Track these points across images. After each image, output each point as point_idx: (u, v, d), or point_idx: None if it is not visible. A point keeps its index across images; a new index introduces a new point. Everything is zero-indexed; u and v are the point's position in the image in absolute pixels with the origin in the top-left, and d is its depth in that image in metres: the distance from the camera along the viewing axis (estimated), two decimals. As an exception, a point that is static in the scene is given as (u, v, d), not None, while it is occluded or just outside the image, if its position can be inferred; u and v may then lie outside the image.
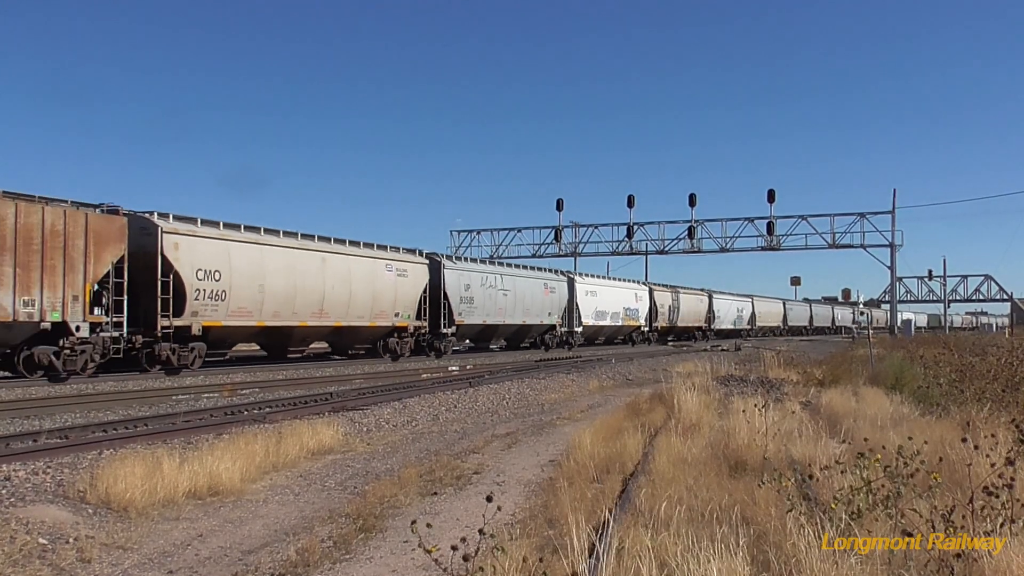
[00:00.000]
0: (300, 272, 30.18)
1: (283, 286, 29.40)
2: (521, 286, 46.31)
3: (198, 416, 15.59)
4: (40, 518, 7.89)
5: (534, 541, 6.64)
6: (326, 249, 32.25)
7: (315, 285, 30.94)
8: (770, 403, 12.13)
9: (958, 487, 6.24)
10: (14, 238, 20.26)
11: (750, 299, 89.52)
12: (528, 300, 46.98)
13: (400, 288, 35.96)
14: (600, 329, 57.24)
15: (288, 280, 29.64)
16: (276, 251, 29.49)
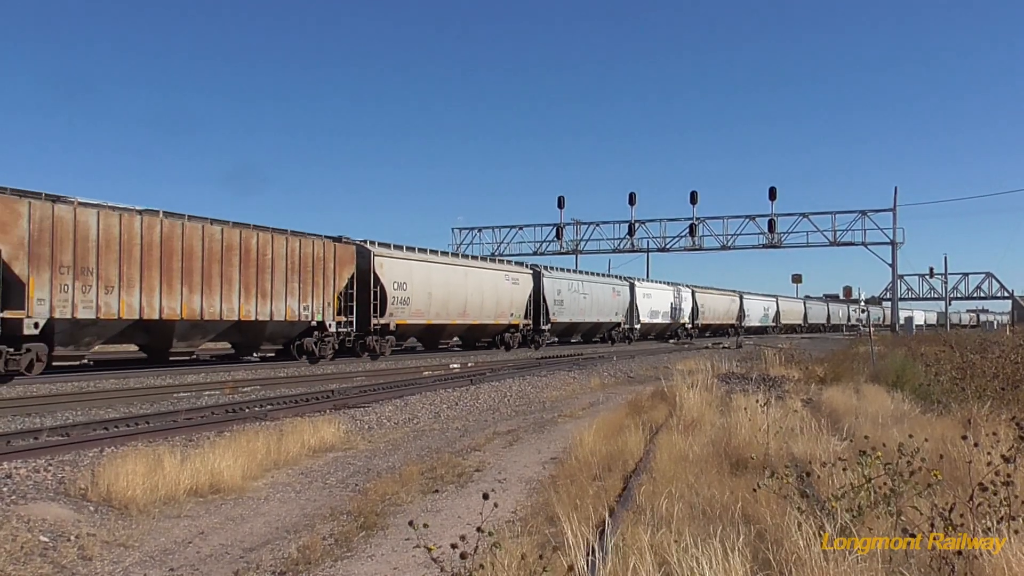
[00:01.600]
0: (452, 283, 39.72)
1: (442, 293, 38.63)
2: (595, 290, 55.16)
3: (199, 414, 15.60)
4: (41, 516, 7.90)
5: (535, 539, 6.65)
6: (467, 265, 42.24)
7: (461, 292, 40.32)
8: (771, 400, 12.14)
9: (959, 484, 6.24)
10: (298, 263, 29.60)
11: (775, 299, 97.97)
12: (600, 302, 55.62)
13: (514, 294, 45.31)
14: (654, 326, 65.18)
15: (445, 289, 38.96)
16: (437, 267, 38.90)
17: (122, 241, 23.20)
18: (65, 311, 21.59)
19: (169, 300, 24.56)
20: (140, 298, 23.69)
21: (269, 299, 28.23)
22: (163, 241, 24.46)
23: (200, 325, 26.22)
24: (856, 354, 29.17)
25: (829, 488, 6.79)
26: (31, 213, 20.81)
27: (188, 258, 25.20)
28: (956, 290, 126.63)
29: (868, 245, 63.25)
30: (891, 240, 61.95)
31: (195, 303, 25.39)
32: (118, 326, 23.73)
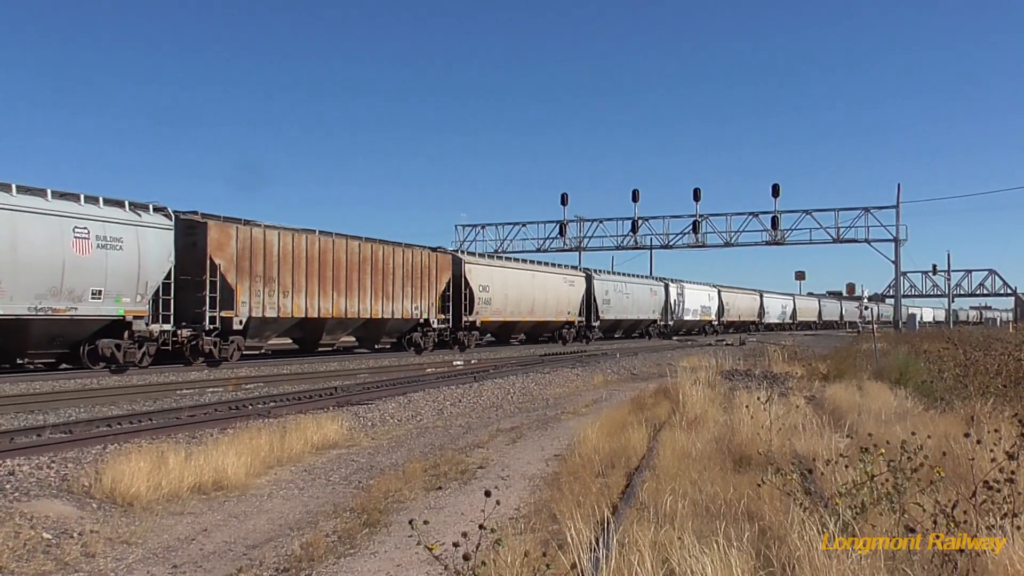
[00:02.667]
0: (523, 285, 45.91)
1: (515, 294, 44.87)
2: (636, 290, 60.97)
3: (203, 411, 15.62)
4: (44, 513, 7.91)
5: (538, 536, 6.65)
6: (534, 269, 48.65)
7: (529, 294, 46.36)
8: (774, 397, 12.13)
9: (962, 481, 6.23)
10: (411, 271, 36.21)
11: (792, 297, 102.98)
12: (640, 301, 61.60)
13: (571, 295, 51.12)
14: (685, 323, 70.47)
15: (518, 291, 45.14)
16: (512, 272, 45.38)
17: (294, 255, 29.41)
18: (257, 311, 27.66)
19: (323, 302, 30.87)
20: (305, 300, 29.91)
21: (391, 300, 34.99)
22: (319, 255, 30.74)
23: (343, 322, 33.19)
24: (859, 351, 29.14)
25: (832, 485, 6.78)
26: (237, 235, 26.87)
27: (336, 268, 31.60)
28: (959, 287, 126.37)
29: (871, 242, 63.01)
30: (894, 237, 61.73)
31: (341, 304, 31.86)
32: (289, 323, 30.24)
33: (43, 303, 21.12)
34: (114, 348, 23.27)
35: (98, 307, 22.57)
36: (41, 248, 21.09)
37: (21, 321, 21.01)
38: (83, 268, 22.02)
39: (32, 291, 20.89)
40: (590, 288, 53.45)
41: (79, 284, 21.96)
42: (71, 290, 21.77)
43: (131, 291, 23.38)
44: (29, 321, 21.19)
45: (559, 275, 50.52)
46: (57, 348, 23.19)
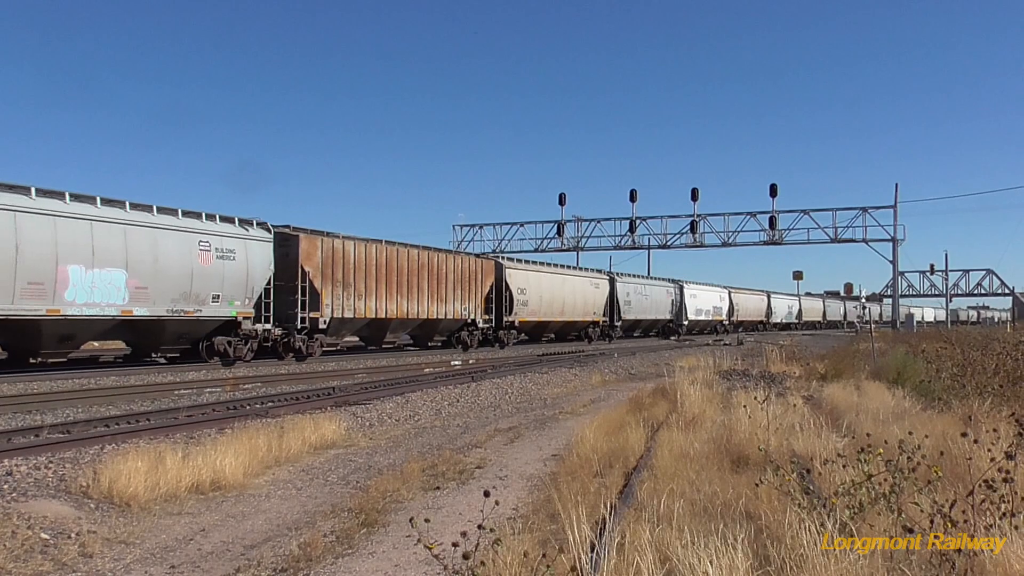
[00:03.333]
0: (555, 288, 49.57)
1: (548, 296, 48.68)
2: (654, 292, 64.57)
3: (201, 411, 15.61)
4: (42, 513, 7.90)
5: (536, 536, 6.65)
6: (564, 273, 51.99)
7: (560, 296, 50.07)
8: (772, 397, 12.12)
9: (960, 481, 6.23)
10: (460, 276, 40.33)
11: (797, 298, 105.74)
12: (658, 302, 65.44)
13: (596, 296, 55.01)
14: (698, 323, 73.59)
15: (550, 293, 48.88)
16: (545, 275, 49.22)
17: (366, 263, 33.64)
18: (338, 312, 31.83)
19: (389, 304, 35.10)
20: (374, 303, 34.16)
21: (444, 303, 38.91)
22: (386, 262, 34.94)
23: (405, 322, 37.52)
24: (857, 351, 29.15)
25: (830, 485, 6.79)
26: (322, 246, 31.15)
27: (399, 274, 35.76)
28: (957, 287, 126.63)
29: (869, 242, 63.07)
30: (892, 237, 61.78)
31: (403, 306, 36.06)
32: (362, 323, 34.66)
33: (177, 306, 25.13)
34: (226, 344, 27.39)
35: (216, 309, 26.57)
36: (175, 259, 25.03)
37: (161, 321, 25.08)
38: (206, 276, 25.94)
39: (169, 296, 24.86)
40: (613, 290, 57.25)
41: (203, 290, 25.94)
42: (197, 295, 25.74)
43: (241, 295, 27.43)
44: (166, 321, 25.23)
45: (586, 278, 54.48)
46: (182, 344, 27.12)
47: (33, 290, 21.03)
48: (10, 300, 20.55)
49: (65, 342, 23.71)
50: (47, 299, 21.40)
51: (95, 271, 22.54)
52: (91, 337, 25.47)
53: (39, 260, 21.14)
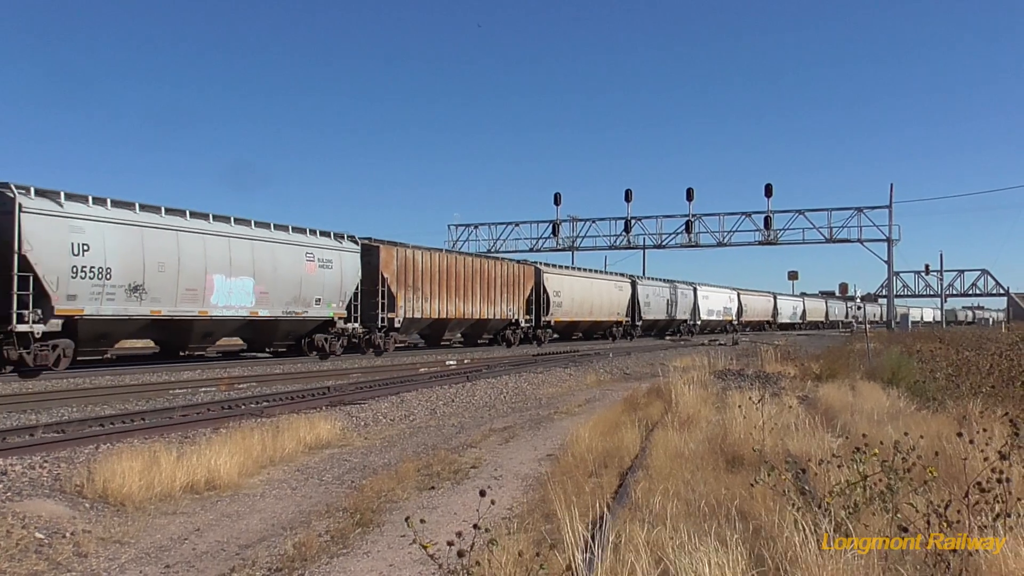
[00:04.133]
0: (585, 290, 54.00)
1: (579, 298, 53.01)
2: (669, 294, 68.71)
3: (195, 410, 15.59)
4: (37, 512, 7.89)
5: (532, 535, 6.65)
6: (592, 277, 56.54)
7: (588, 298, 54.38)
8: (767, 397, 12.14)
9: (954, 481, 6.25)
10: (506, 280, 44.82)
11: (802, 299, 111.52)
12: (676, 302, 69.67)
13: (620, 298, 59.42)
14: (710, 323, 77.70)
15: (581, 295, 53.31)
16: (577, 279, 53.70)
17: (431, 269, 38.16)
18: (410, 313, 36.67)
19: (448, 306, 39.53)
20: (437, 304, 38.59)
21: (493, 304, 43.48)
22: (446, 268, 39.42)
23: (461, 322, 41.89)
24: (852, 351, 29.17)
25: (825, 485, 6.79)
26: (397, 255, 35.97)
27: (457, 279, 40.18)
28: (952, 287, 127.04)
29: (864, 242, 63.10)
30: (887, 237, 61.83)
31: (460, 308, 40.51)
32: (427, 322, 39.25)
33: (289, 308, 29.84)
34: (324, 341, 32.15)
35: (319, 311, 31.24)
36: (288, 268, 29.74)
37: (277, 320, 29.82)
38: (311, 282, 30.69)
39: (284, 299, 29.56)
40: (634, 292, 61.65)
41: (309, 294, 30.61)
42: (304, 298, 30.44)
43: (336, 299, 32.13)
44: (281, 320, 29.94)
45: (611, 281, 59.20)
46: (288, 340, 32.01)
47: (189, 295, 25.64)
48: (173, 303, 25.14)
49: (206, 338, 28.65)
50: (198, 302, 26.08)
51: (232, 279, 27.30)
52: (224, 334, 29.94)
53: (193, 270, 25.83)
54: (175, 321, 25.64)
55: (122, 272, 23.36)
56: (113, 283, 23.10)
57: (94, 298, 22.64)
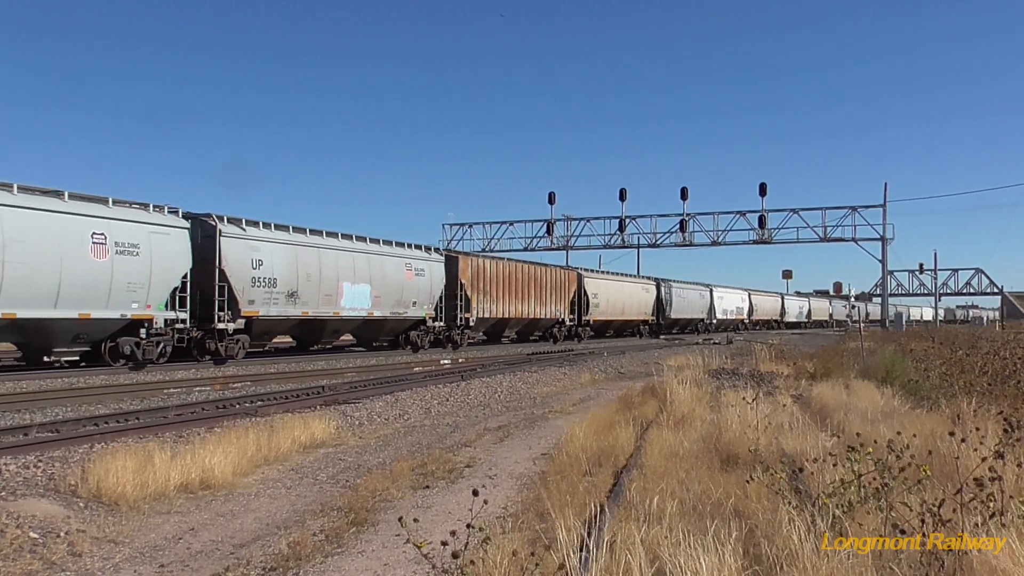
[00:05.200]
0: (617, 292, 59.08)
1: (613, 299, 57.97)
2: (689, 294, 73.07)
3: (189, 410, 15.56)
4: (31, 512, 7.88)
5: (526, 535, 6.66)
6: (623, 280, 61.68)
7: (620, 298, 59.57)
8: (761, 396, 12.15)
9: (948, 480, 6.26)
10: (554, 284, 49.93)
11: (807, 298, 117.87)
12: (693, 303, 73.94)
13: (647, 299, 64.08)
14: (724, 321, 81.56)
15: (615, 296, 58.34)
16: (611, 282, 59.00)
17: (496, 276, 43.75)
18: (480, 313, 42.07)
19: (509, 307, 44.94)
20: (501, 306, 44.10)
21: (543, 306, 48.72)
22: (507, 275, 44.91)
23: (518, 320, 47.36)
24: (846, 350, 29.21)
25: (819, 483, 6.80)
26: (471, 263, 41.89)
27: (515, 284, 45.61)
28: (946, 286, 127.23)
29: (858, 241, 63.35)
30: (881, 236, 62.08)
31: (518, 308, 46.02)
32: (493, 321, 44.54)
33: (394, 309, 35.74)
34: (417, 337, 37.78)
35: (414, 311, 37.06)
36: (393, 276, 35.54)
37: (386, 319, 35.80)
38: (409, 288, 36.46)
39: (391, 302, 35.45)
40: (659, 293, 65.91)
41: (407, 297, 36.42)
42: (404, 301, 36.28)
43: (427, 301, 37.90)
44: (387, 320, 35.90)
45: (638, 283, 63.68)
46: (390, 336, 37.74)
47: (326, 299, 31.70)
48: (316, 306, 31.20)
49: (334, 334, 35.66)
50: (332, 305, 32.10)
51: (355, 286, 33.22)
52: (346, 331, 36.92)
53: (329, 279, 31.82)
54: (315, 320, 31.77)
55: (283, 281, 29.39)
56: (278, 290, 29.13)
57: (265, 302, 28.59)
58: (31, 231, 21.06)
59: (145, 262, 23.89)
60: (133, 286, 23.56)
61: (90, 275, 22.43)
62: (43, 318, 21.62)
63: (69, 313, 22.05)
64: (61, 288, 21.66)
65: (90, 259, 22.43)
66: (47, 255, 21.36)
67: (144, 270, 23.87)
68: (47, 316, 21.63)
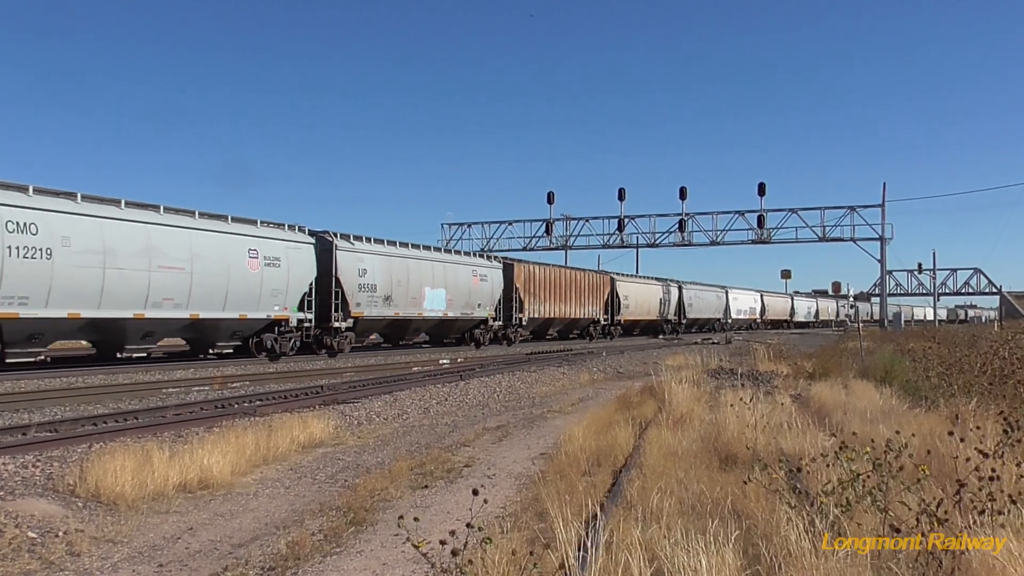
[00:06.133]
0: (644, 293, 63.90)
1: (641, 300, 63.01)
2: (707, 296, 77.97)
3: (188, 409, 15.56)
4: (30, 512, 7.88)
5: (525, 534, 6.66)
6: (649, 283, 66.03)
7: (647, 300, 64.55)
8: (760, 396, 12.15)
9: (947, 479, 6.26)
10: (589, 287, 54.44)
11: (815, 299, 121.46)
12: (711, 303, 78.85)
13: (671, 300, 68.91)
14: (738, 320, 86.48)
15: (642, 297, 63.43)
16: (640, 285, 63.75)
17: (544, 281, 48.94)
18: (532, 314, 47.39)
19: (554, 308, 50.09)
20: (547, 307, 49.24)
21: (582, 307, 53.62)
22: (553, 279, 50.10)
23: (561, 320, 52.19)
24: (844, 350, 29.21)
25: (818, 483, 6.80)
26: (524, 269, 47.15)
27: (560, 287, 50.84)
28: (944, 286, 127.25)
29: (857, 241, 63.26)
30: (880, 236, 61.97)
31: (561, 309, 51.13)
32: (539, 321, 49.47)
33: (464, 311, 40.98)
34: (479, 335, 43.14)
35: (479, 312, 42.47)
36: (464, 282, 40.86)
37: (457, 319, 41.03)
38: (476, 292, 41.87)
39: (462, 304, 40.73)
40: (681, 295, 70.71)
41: (473, 300, 41.75)
42: (471, 303, 41.62)
43: (489, 303, 43.39)
44: (458, 319, 41.18)
45: (662, 286, 67.99)
46: (457, 334, 42.84)
47: (412, 301, 36.94)
48: (404, 307, 36.35)
49: (415, 332, 40.98)
50: (417, 307, 37.43)
51: (434, 290, 38.46)
52: (425, 330, 41.96)
53: (415, 285, 37.10)
54: (403, 319, 37.06)
55: (381, 287, 34.80)
56: (377, 294, 34.53)
57: (368, 305, 34.02)
58: (208, 248, 26.16)
59: (284, 272, 29.38)
60: (275, 292, 29.07)
61: (247, 283, 27.70)
62: (215, 318, 26.73)
63: (232, 314, 27.20)
64: (228, 294, 26.82)
65: (247, 270, 27.68)
66: (219, 267, 26.44)
67: (283, 279, 29.40)
68: (218, 316, 26.76)
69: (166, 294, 24.54)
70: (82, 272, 21.99)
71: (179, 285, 24.92)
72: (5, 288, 20.15)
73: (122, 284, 23.07)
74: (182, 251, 25.07)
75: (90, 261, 22.20)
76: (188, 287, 25.19)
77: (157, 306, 24.27)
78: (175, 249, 24.84)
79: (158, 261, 24.12)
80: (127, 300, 23.39)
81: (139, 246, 23.68)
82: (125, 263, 23.15)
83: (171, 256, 24.65)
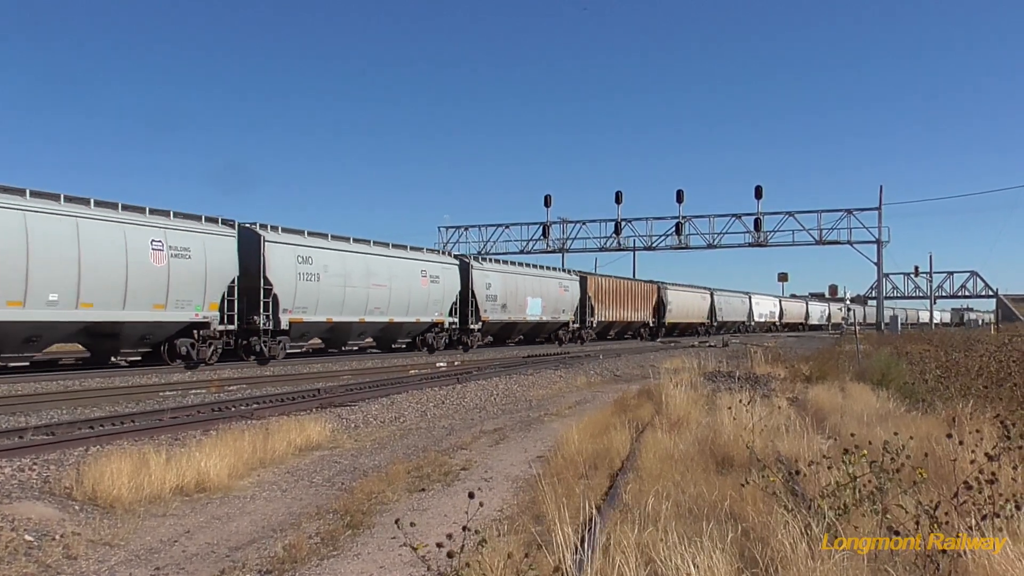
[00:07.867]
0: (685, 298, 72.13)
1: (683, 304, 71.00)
2: (735, 301, 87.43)
3: (185, 412, 15.54)
4: (26, 515, 7.86)
5: (522, 537, 6.65)
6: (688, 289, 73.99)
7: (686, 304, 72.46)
8: (757, 399, 12.16)
9: (944, 482, 6.27)
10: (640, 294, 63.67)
11: (827, 303, 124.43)
12: (737, 308, 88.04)
13: (705, 304, 77.45)
14: (759, 323, 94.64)
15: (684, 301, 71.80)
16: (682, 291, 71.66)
17: (608, 289, 57.47)
18: (600, 318, 55.86)
19: (615, 313, 58.48)
20: (611, 311, 57.51)
21: (636, 311, 61.71)
22: (615, 288, 58.68)
23: (619, 323, 60.26)
24: (841, 353, 29.22)
25: (815, 486, 6.81)
26: (594, 280, 56.04)
27: (619, 295, 59.12)
28: (941, 289, 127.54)
29: (854, 244, 63.44)
30: (876, 239, 62.15)
31: (620, 314, 59.34)
32: (604, 323, 57.07)
33: (552, 316, 50.10)
34: (562, 335, 51.63)
35: (563, 316, 51.15)
36: (553, 292, 49.82)
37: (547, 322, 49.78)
38: (560, 300, 50.58)
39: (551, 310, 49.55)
40: (713, 300, 79.38)
41: (558, 307, 50.45)
42: (557, 309, 50.53)
43: (570, 309, 52.11)
44: (548, 322, 49.79)
45: (698, 293, 76.35)
46: (545, 335, 51.10)
47: (519, 308, 45.98)
48: (515, 313, 45.38)
49: (518, 333, 49.09)
50: (523, 313, 46.64)
51: (533, 299, 47.24)
52: (525, 331, 49.44)
53: (522, 294, 46.22)
54: (514, 322, 46.49)
55: (500, 297, 44.08)
56: (497, 303, 43.82)
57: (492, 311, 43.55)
58: (400, 269, 36.39)
59: (440, 288, 38.77)
60: (437, 302, 38.51)
61: (418, 295, 37.19)
62: (400, 322, 36.63)
63: (410, 318, 36.98)
64: (409, 304, 36.65)
65: (419, 286, 37.14)
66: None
67: (440, 293, 38.78)
68: (401, 320, 36.58)
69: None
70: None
71: (381, 298, 34.78)
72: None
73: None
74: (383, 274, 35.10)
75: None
76: (386, 300, 35.03)
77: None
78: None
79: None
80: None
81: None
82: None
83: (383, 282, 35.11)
